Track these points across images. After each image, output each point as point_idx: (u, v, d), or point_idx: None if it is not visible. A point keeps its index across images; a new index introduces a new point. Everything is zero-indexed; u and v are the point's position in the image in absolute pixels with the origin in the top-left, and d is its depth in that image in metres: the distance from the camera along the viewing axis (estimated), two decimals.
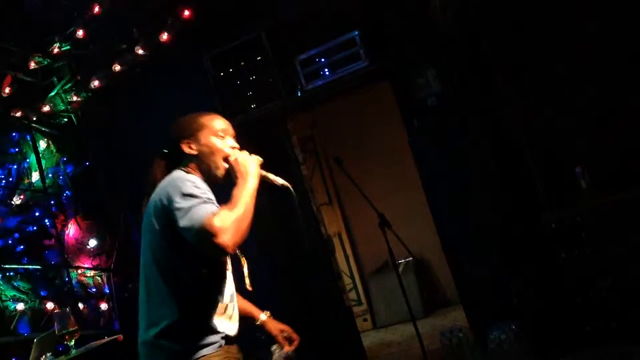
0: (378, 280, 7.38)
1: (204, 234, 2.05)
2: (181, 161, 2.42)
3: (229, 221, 2.08)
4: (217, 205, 2.20)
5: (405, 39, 5.13)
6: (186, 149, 2.40)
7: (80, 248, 6.10)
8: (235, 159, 2.37)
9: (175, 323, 2.21)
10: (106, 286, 6.06)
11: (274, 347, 2.73)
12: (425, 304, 7.12)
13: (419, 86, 5.12)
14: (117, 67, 5.65)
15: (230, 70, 5.60)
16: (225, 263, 2.40)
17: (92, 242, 6.12)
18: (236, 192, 2.24)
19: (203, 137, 2.41)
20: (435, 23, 4.97)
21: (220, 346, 2.28)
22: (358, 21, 5.22)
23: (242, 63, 5.56)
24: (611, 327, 3.75)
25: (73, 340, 3.59)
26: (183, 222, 2.09)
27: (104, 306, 5.95)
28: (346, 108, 7.17)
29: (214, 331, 2.27)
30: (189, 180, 2.21)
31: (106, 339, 4.20)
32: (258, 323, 2.82)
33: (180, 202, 2.13)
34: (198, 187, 2.18)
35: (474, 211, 4.99)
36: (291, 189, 2.49)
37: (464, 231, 5.07)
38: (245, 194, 2.23)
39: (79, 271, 6.04)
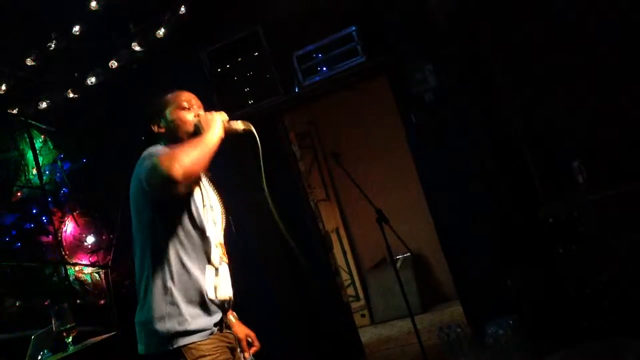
0: (376, 276, 7.38)
1: (154, 169, 2.11)
2: (158, 142, 2.46)
3: (177, 154, 2.13)
4: None
5: (403, 34, 5.13)
6: (156, 129, 2.49)
7: (77, 245, 6.09)
8: (198, 115, 2.47)
9: (163, 298, 2.24)
10: (104, 283, 6.06)
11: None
12: (423, 299, 7.12)
13: (416, 82, 5.11)
14: (114, 64, 5.63)
15: (228, 66, 5.59)
16: (203, 227, 2.38)
17: (90, 239, 6.12)
18: (199, 137, 2.32)
19: (169, 113, 2.48)
20: (432, 18, 4.97)
21: (212, 333, 2.30)
22: (355, 17, 5.22)
23: (240, 59, 5.56)
24: (608, 321, 3.75)
25: (71, 337, 3.59)
26: (144, 174, 2.17)
27: (102, 303, 5.95)
28: (344, 104, 7.16)
29: (205, 311, 2.28)
30: (155, 148, 2.28)
31: (104, 335, 4.20)
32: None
33: (144, 163, 2.20)
34: (162, 150, 2.25)
35: (472, 207, 4.99)
36: (254, 132, 2.54)
37: (462, 227, 5.08)
38: (204, 137, 2.30)
39: (77, 268, 6.04)
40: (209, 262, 2.34)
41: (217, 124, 2.40)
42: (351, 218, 7.93)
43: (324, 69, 5.29)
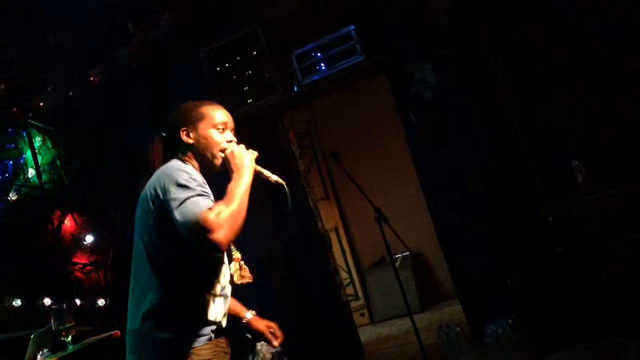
0: (375, 275, 7.38)
1: (199, 230, 2.04)
2: (179, 148, 2.42)
3: (224, 217, 2.07)
4: (212, 199, 2.20)
5: (402, 33, 5.12)
6: (184, 137, 2.41)
7: (76, 244, 6.09)
8: (231, 152, 2.36)
9: (163, 311, 2.20)
10: (103, 282, 6.06)
11: (260, 344, 2.71)
12: (422, 298, 7.12)
13: (415, 81, 5.11)
14: (113, 63, 5.63)
15: (227, 65, 5.59)
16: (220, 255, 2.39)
17: (89, 238, 6.12)
18: (231, 186, 2.23)
19: (202, 127, 2.41)
20: (432, 18, 4.97)
21: (210, 339, 2.28)
22: (354, 16, 5.21)
23: (239, 58, 5.56)
24: (608, 321, 3.75)
25: (70, 336, 3.59)
26: (178, 215, 2.08)
27: (101, 302, 5.95)
28: (343, 103, 7.16)
29: (204, 322, 2.27)
30: (185, 172, 2.20)
31: (103, 334, 4.20)
32: (244, 321, 2.77)
33: (174, 193, 2.12)
34: (194, 179, 2.18)
35: (471, 206, 4.99)
36: (285, 187, 2.45)
37: (461, 225, 5.08)
38: (240, 188, 2.22)
39: (76, 267, 6.04)
40: (212, 288, 2.32)
41: (249, 167, 2.33)
42: (350, 217, 7.93)
43: (323, 67, 5.29)
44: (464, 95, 4.96)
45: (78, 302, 5.85)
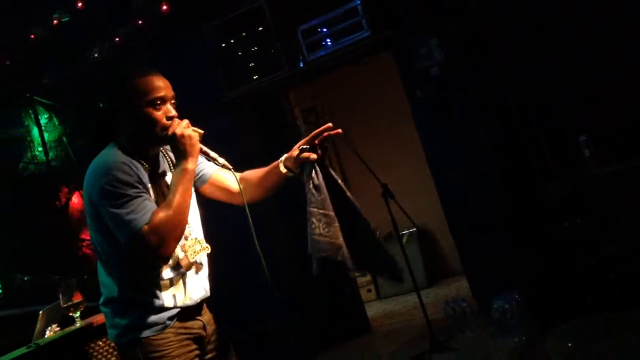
0: None
1: (139, 249, 1.97)
2: (115, 126, 2.19)
3: (166, 231, 1.98)
4: (148, 194, 2.08)
5: (408, 8, 5.08)
6: (118, 116, 2.16)
7: (84, 220, 6.11)
8: (182, 134, 2.11)
9: (116, 299, 2.13)
10: None
11: (306, 167, 2.50)
12: (428, 274, 7.15)
13: (421, 56, 5.07)
14: (117, 39, 5.61)
15: (232, 41, 5.56)
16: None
17: None
18: (177, 178, 2.10)
19: (137, 104, 2.10)
20: None
21: (165, 327, 2.12)
22: None
23: (244, 34, 5.52)
24: (614, 295, 3.76)
25: (78, 312, 3.61)
26: (115, 229, 2.00)
27: None
28: (349, 79, 7.13)
29: (159, 309, 2.12)
30: (112, 174, 2.02)
31: None
32: (284, 171, 2.49)
33: (107, 202, 2.01)
34: (123, 182, 2.02)
35: (477, 181, 4.98)
36: (232, 170, 2.29)
37: (468, 201, 5.07)
38: (185, 181, 2.09)
39: (84, 243, 6.07)
40: (160, 274, 2.14)
41: (197, 151, 2.15)
42: (356, 193, 7.84)
43: (329, 43, 5.26)
44: (470, 70, 4.92)
45: (86, 277, 5.88)
